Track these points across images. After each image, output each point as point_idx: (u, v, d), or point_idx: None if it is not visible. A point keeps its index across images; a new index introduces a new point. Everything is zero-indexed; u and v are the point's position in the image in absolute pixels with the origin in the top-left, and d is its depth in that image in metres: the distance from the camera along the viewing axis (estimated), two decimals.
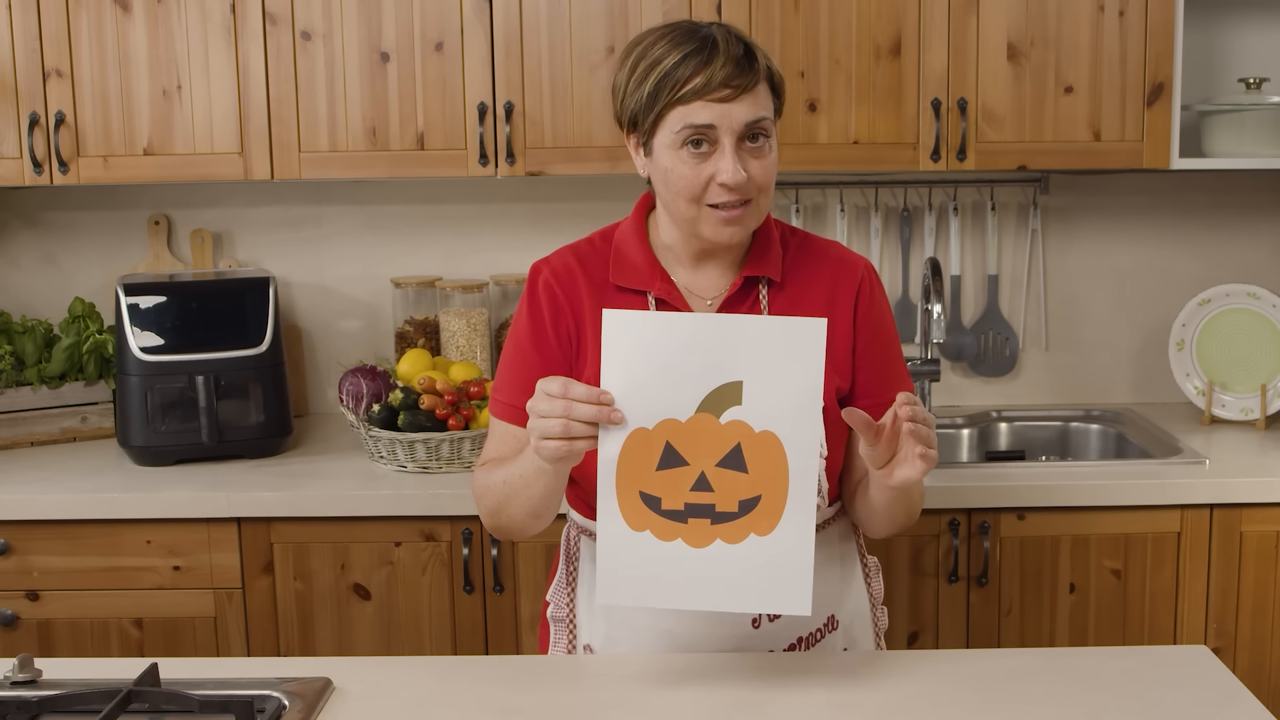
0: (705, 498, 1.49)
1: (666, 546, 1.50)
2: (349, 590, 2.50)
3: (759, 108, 1.62)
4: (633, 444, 1.49)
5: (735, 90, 1.59)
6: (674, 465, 1.49)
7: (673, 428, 1.48)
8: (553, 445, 1.49)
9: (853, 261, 1.78)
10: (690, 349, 1.47)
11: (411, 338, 2.97)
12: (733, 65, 1.59)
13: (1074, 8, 2.64)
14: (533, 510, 1.66)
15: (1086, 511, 2.45)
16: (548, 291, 1.74)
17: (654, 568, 1.51)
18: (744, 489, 1.49)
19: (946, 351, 3.06)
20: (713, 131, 1.60)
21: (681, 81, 1.59)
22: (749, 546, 1.50)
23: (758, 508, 1.49)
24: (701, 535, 1.50)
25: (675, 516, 1.50)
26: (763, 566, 1.50)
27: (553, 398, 1.49)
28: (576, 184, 3.02)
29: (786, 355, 1.46)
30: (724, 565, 1.50)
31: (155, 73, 2.69)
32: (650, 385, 1.48)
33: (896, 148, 2.68)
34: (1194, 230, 3.05)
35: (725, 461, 1.48)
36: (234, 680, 1.57)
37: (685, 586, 1.52)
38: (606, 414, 1.47)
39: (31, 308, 3.10)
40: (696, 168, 1.61)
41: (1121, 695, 1.54)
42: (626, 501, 1.50)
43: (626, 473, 1.49)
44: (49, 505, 2.46)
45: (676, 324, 1.48)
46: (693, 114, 1.59)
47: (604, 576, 1.53)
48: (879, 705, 1.53)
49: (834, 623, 1.78)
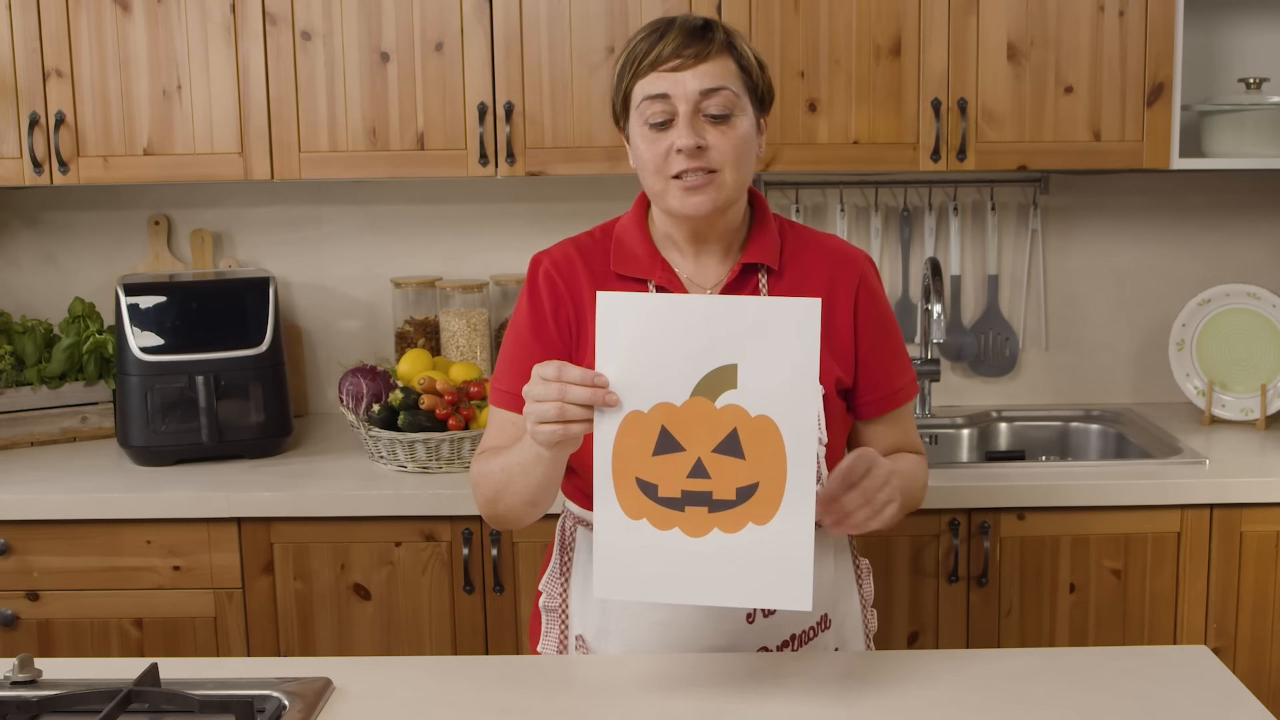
0: (702, 485, 1.48)
1: (663, 536, 1.49)
2: (349, 590, 2.50)
3: (715, 78, 1.65)
4: (628, 428, 1.48)
5: (686, 59, 1.64)
6: (670, 450, 1.47)
7: (668, 411, 1.47)
8: (548, 429, 1.49)
9: (852, 254, 1.79)
10: (684, 331, 1.46)
11: (411, 338, 2.97)
12: (684, 36, 1.65)
13: (1074, 8, 2.64)
14: (530, 498, 1.66)
15: (1086, 511, 2.45)
16: (548, 281, 1.75)
17: (651, 559, 1.49)
18: (741, 475, 1.47)
19: (946, 351, 3.06)
20: (669, 103, 1.64)
21: (639, 57, 1.66)
22: (747, 536, 1.48)
23: (755, 495, 1.47)
24: (699, 524, 1.48)
25: (672, 504, 1.48)
26: (762, 558, 1.48)
27: (547, 381, 1.49)
28: (576, 184, 3.02)
29: (781, 337, 1.45)
30: (722, 556, 1.49)
31: (155, 73, 2.69)
32: (644, 368, 1.47)
33: (896, 148, 2.68)
34: (1194, 230, 3.05)
35: (722, 447, 1.47)
36: (234, 680, 1.57)
37: (683, 579, 1.50)
38: (601, 396, 1.47)
39: (31, 308, 3.10)
40: (657, 141, 1.66)
41: (1121, 695, 1.54)
42: (623, 488, 1.49)
43: (622, 458, 1.48)
44: (49, 505, 2.46)
45: (670, 305, 1.48)
46: (649, 85, 1.66)
47: (601, 568, 1.51)
48: (879, 706, 1.52)
49: (827, 621, 1.79)
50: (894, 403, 1.79)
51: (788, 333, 1.45)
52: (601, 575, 1.51)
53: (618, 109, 1.72)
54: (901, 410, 1.82)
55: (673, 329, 1.46)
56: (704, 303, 1.49)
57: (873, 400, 1.78)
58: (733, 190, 1.69)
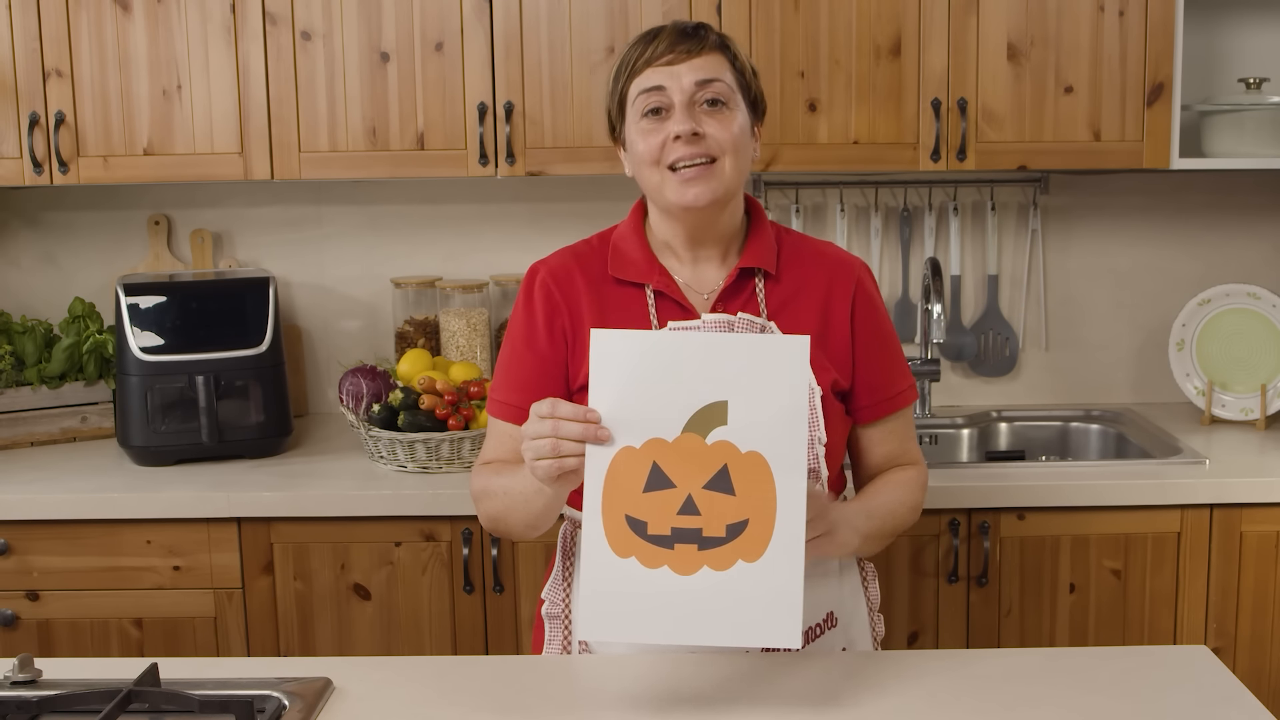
0: (692, 521, 1.47)
1: (652, 574, 1.47)
2: (349, 590, 2.50)
3: (710, 71, 1.69)
4: (620, 464, 1.48)
5: (680, 54, 1.68)
6: (661, 487, 1.47)
7: (660, 448, 1.47)
8: (544, 465, 1.51)
9: (848, 261, 1.80)
10: (675, 367, 1.47)
11: (411, 338, 2.97)
12: (676, 34, 1.70)
13: (1074, 8, 2.64)
14: (530, 524, 1.69)
15: (1086, 511, 2.45)
16: (543, 290, 1.76)
17: (638, 597, 1.47)
18: (731, 512, 1.47)
19: (946, 351, 3.06)
20: (665, 95, 1.67)
21: (634, 59, 1.70)
22: (737, 574, 1.47)
23: (745, 532, 1.47)
24: (688, 562, 1.47)
25: (661, 542, 1.47)
26: (751, 596, 1.47)
27: (542, 419, 1.51)
28: (576, 184, 3.02)
29: (770, 374, 1.46)
30: (711, 594, 1.47)
31: (155, 73, 2.69)
32: (637, 404, 1.48)
33: (896, 148, 2.68)
34: (1194, 230, 3.05)
35: (712, 484, 1.47)
36: (234, 680, 1.57)
37: (670, 619, 1.48)
38: (593, 432, 1.48)
39: (31, 308, 3.10)
40: (653, 133, 1.68)
41: (1121, 695, 1.54)
42: (612, 525, 1.48)
43: (613, 494, 1.48)
44: (49, 505, 2.46)
45: (662, 342, 1.49)
46: (644, 80, 1.69)
47: (585, 607, 1.49)
48: (879, 706, 1.52)
49: (833, 619, 1.79)
50: (891, 407, 1.80)
51: (777, 370, 1.47)
52: (585, 614, 1.49)
53: (614, 114, 1.75)
54: (899, 416, 1.82)
55: (665, 365, 1.48)
56: (694, 340, 1.50)
57: (869, 405, 1.78)
58: (731, 180, 1.70)
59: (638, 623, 1.49)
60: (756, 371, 1.47)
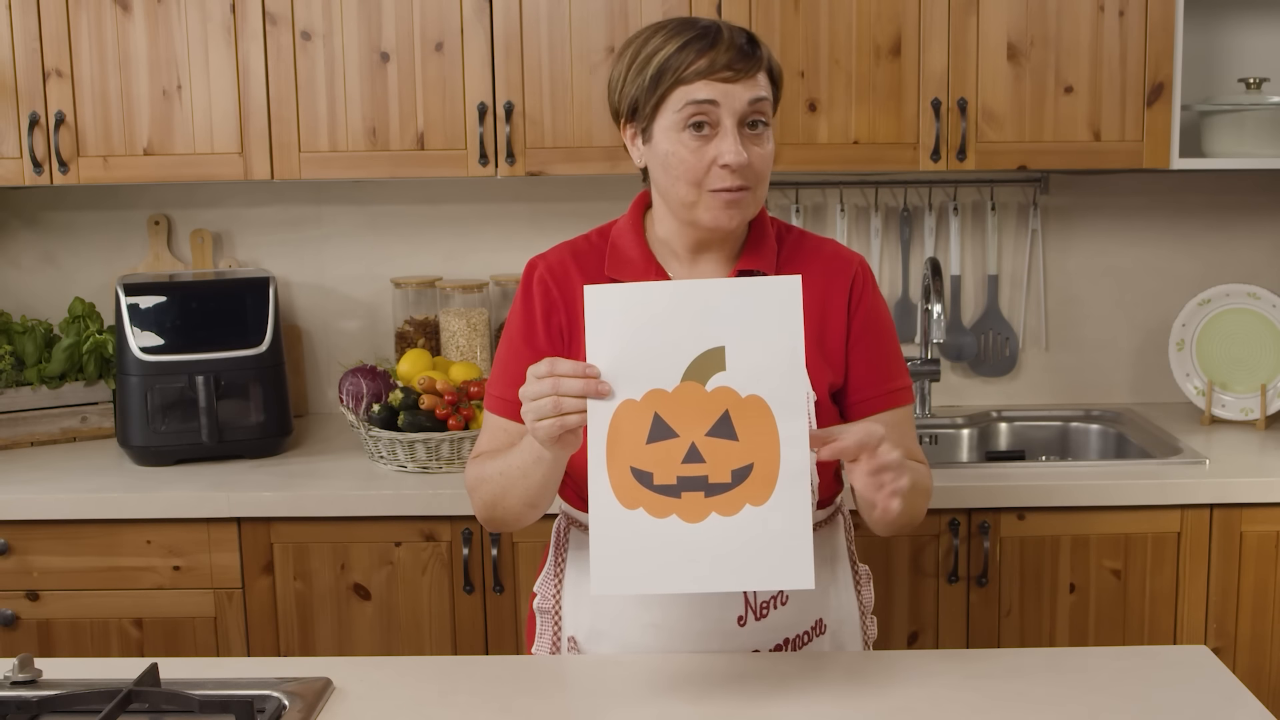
0: (697, 469, 1.47)
1: (661, 524, 1.47)
2: (349, 590, 2.50)
3: (759, 89, 1.64)
4: (622, 417, 1.48)
5: (738, 73, 1.62)
6: (664, 437, 1.48)
7: (660, 398, 1.48)
8: (546, 424, 1.50)
9: (847, 257, 1.79)
10: (670, 316, 1.48)
11: (411, 338, 2.97)
12: (736, 50, 1.63)
13: (1074, 8, 2.64)
14: (529, 500, 1.66)
15: (1086, 511, 2.45)
16: (541, 286, 1.76)
17: (649, 549, 1.48)
18: (735, 457, 1.47)
19: (946, 351, 3.06)
20: (715, 110, 1.62)
21: (686, 64, 1.62)
22: (745, 518, 1.47)
23: (751, 476, 1.47)
24: (696, 509, 1.48)
25: (668, 491, 1.48)
26: (760, 539, 1.47)
27: (540, 379, 1.50)
28: (576, 184, 3.02)
29: (764, 316, 1.47)
30: (721, 540, 1.47)
31: (155, 73, 2.69)
32: (634, 356, 1.48)
33: (896, 148, 2.68)
34: (1193, 230, 3.05)
35: (715, 430, 1.47)
36: (234, 680, 1.57)
37: (681, 568, 1.48)
38: (594, 386, 1.48)
39: (31, 308, 3.10)
40: (698, 151, 1.63)
41: (1121, 695, 1.54)
42: (618, 479, 1.48)
43: (617, 448, 1.48)
44: (49, 505, 2.46)
45: (655, 292, 1.50)
46: (695, 91, 1.61)
47: (598, 564, 1.49)
48: (879, 706, 1.52)
49: (821, 626, 1.78)
50: (888, 403, 1.76)
51: (770, 311, 1.47)
52: (599, 572, 1.49)
53: (642, 109, 1.66)
54: (898, 414, 1.78)
55: (658, 315, 1.48)
56: (686, 287, 1.50)
57: (865, 399, 1.75)
58: (759, 204, 1.71)
59: (651, 575, 1.49)
60: (751, 314, 1.47)
